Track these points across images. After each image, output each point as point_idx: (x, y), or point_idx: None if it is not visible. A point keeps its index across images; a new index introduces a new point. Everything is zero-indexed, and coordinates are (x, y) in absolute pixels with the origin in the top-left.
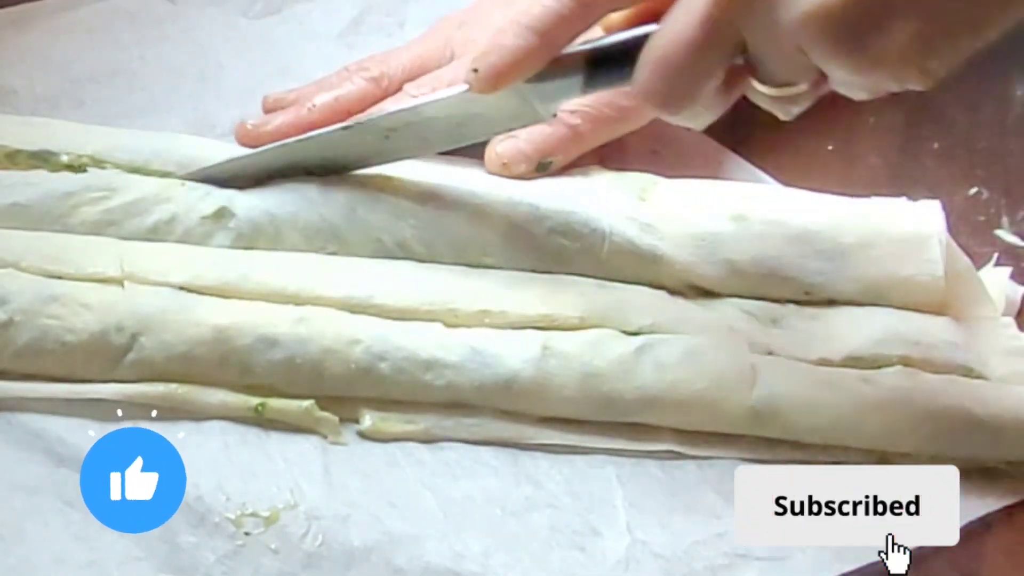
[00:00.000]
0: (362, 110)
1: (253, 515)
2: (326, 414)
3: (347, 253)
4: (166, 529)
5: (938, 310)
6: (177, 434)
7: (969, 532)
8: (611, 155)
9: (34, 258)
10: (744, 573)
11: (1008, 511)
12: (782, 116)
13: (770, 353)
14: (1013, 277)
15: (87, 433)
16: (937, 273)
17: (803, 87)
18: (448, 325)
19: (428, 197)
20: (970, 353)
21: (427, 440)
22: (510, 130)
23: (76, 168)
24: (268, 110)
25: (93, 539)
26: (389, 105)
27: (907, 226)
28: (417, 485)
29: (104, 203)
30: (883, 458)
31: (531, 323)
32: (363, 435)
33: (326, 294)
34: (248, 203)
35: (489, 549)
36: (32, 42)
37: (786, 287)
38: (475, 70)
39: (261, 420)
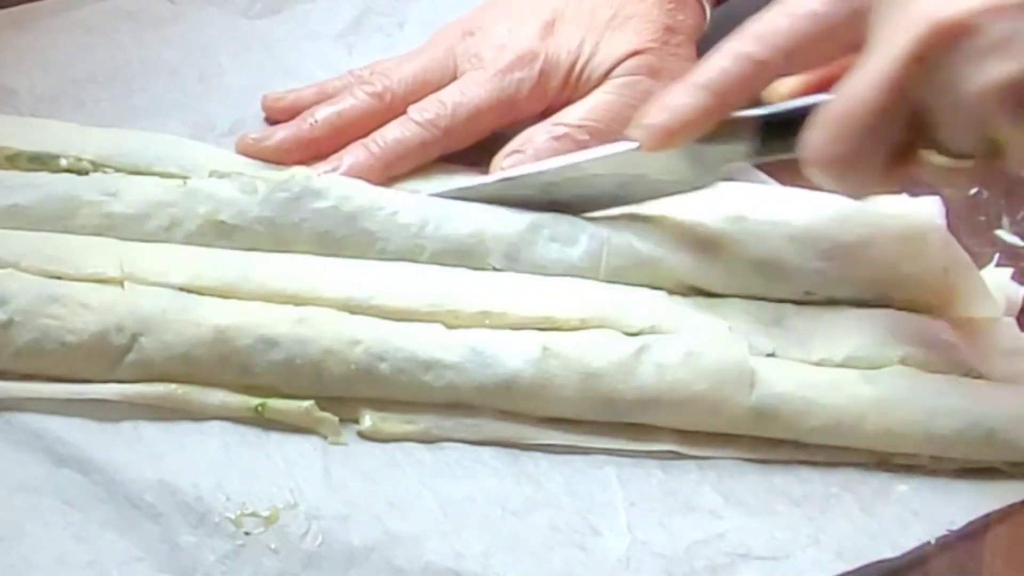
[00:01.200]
0: (365, 126)
1: (253, 515)
2: (326, 414)
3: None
4: (166, 529)
5: (939, 307)
6: (177, 434)
7: (969, 532)
8: None
9: (34, 258)
10: (744, 573)
11: (1008, 511)
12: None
13: (771, 354)
14: (1013, 277)
15: (87, 433)
16: (937, 270)
17: (978, 161)
18: (449, 326)
19: (429, 208)
20: (971, 353)
21: (427, 440)
22: (672, 194)
23: (76, 172)
24: (267, 108)
25: (93, 539)
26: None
27: (907, 223)
28: (417, 485)
29: (105, 207)
30: (883, 459)
31: (532, 324)
32: (363, 435)
33: (326, 295)
34: (249, 213)
35: (489, 549)
36: (32, 42)
37: (786, 287)
38: (645, 126)
39: (261, 420)
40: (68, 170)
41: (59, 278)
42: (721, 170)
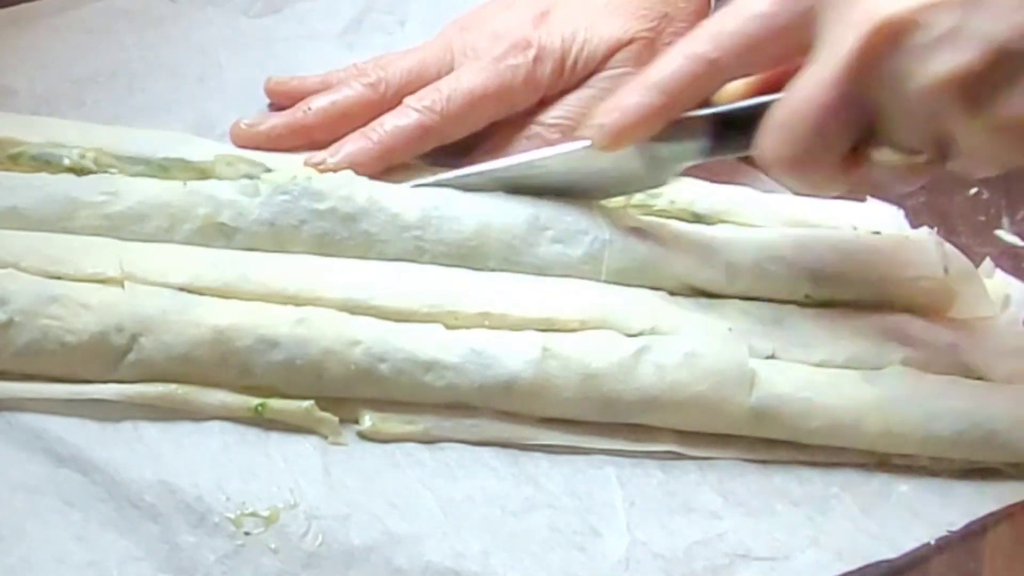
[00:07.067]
0: (360, 116)
1: (253, 515)
2: (326, 415)
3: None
4: (166, 529)
5: (940, 310)
6: (177, 434)
7: (969, 532)
8: None
9: (34, 259)
10: (744, 574)
11: (1008, 511)
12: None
13: (771, 355)
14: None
15: (87, 433)
16: (938, 274)
17: (927, 156)
18: (448, 327)
19: (430, 209)
20: (971, 354)
21: (427, 441)
22: (627, 192)
23: (78, 171)
24: (269, 92)
25: (93, 539)
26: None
27: (901, 234)
28: (417, 485)
29: (105, 207)
30: (883, 459)
31: (532, 325)
32: (363, 436)
33: (326, 295)
34: (249, 215)
35: (489, 549)
36: (32, 42)
37: (786, 289)
38: (596, 125)
39: (261, 420)
40: (71, 169)
41: (59, 278)
42: (675, 168)
